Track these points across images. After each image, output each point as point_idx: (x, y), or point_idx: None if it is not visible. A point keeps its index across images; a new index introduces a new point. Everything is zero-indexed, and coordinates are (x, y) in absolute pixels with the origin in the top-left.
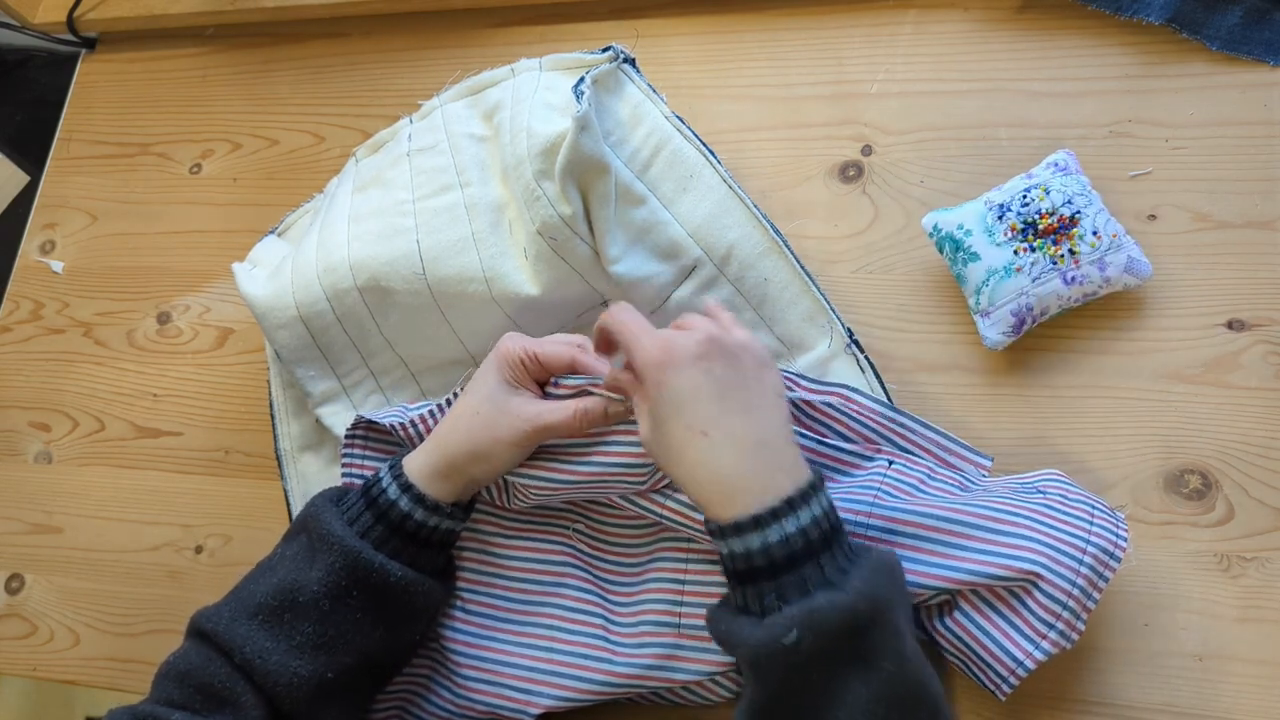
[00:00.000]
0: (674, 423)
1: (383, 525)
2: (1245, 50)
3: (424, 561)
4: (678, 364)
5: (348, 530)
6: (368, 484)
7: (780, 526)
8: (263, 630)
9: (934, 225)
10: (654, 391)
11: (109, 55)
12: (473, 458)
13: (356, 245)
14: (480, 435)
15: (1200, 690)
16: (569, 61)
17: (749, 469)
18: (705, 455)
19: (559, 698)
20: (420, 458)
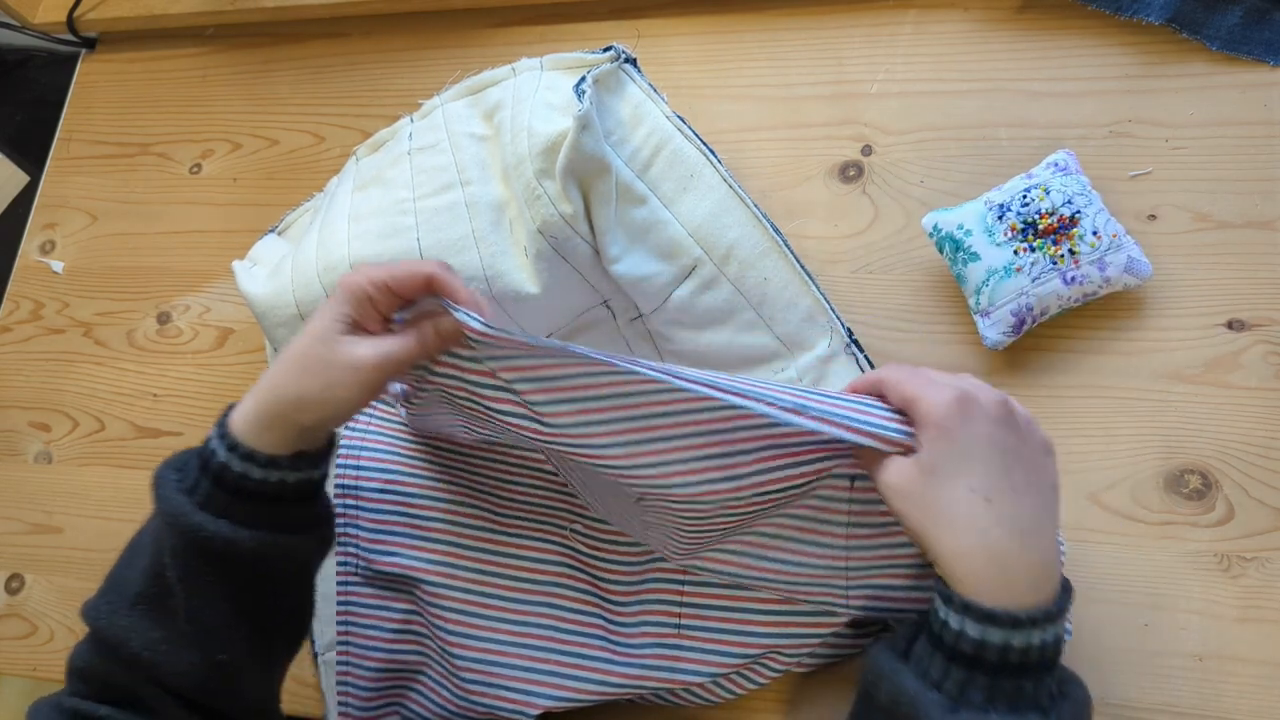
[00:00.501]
0: (955, 480)
1: (221, 490)
2: (1245, 50)
3: (287, 518)
4: (975, 418)
5: (182, 502)
6: (200, 448)
7: (1029, 634)
8: (146, 620)
9: (934, 225)
10: (939, 441)
11: (109, 55)
12: (299, 407)
13: (357, 244)
14: (307, 383)
15: (1200, 690)
16: (570, 61)
17: (1022, 557)
18: (983, 523)
19: (558, 698)
20: (242, 407)
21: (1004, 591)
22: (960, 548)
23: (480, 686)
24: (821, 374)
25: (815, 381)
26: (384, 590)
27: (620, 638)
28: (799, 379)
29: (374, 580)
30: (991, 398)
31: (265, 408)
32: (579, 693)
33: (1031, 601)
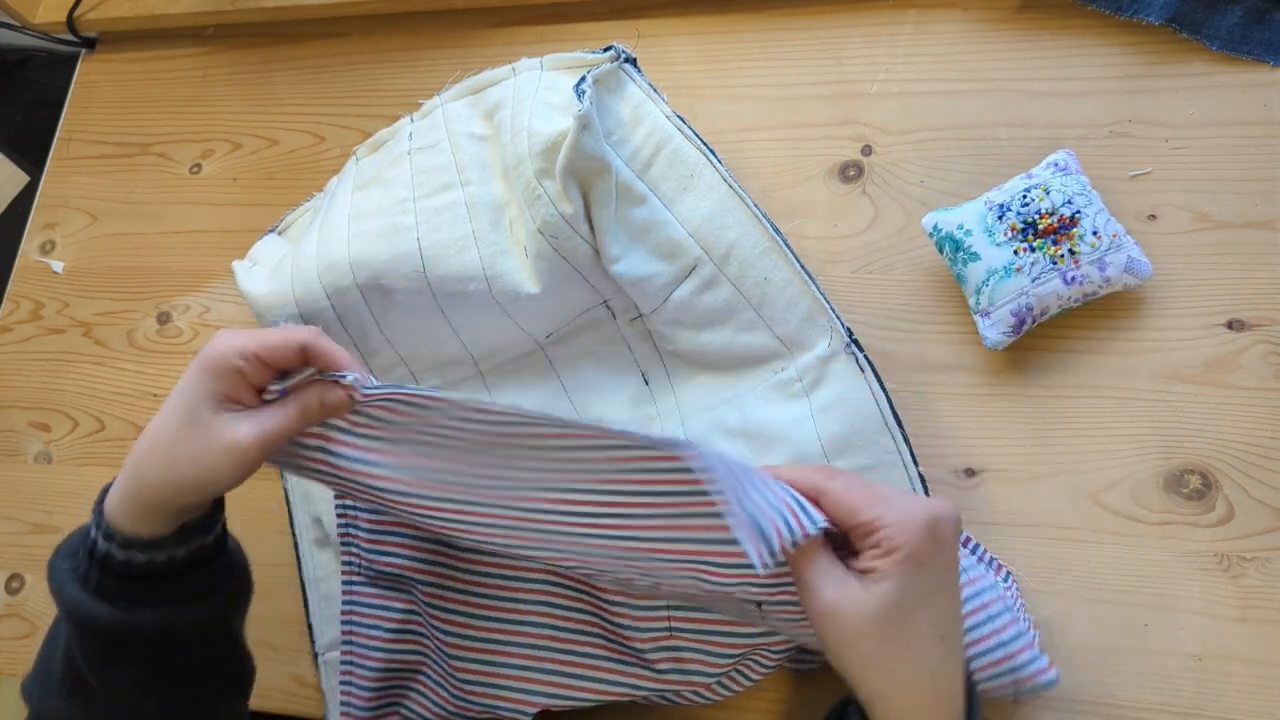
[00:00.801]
0: (918, 617)
1: (110, 576)
2: (1245, 50)
3: (186, 589)
4: (940, 541)
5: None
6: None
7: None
8: (73, 702)
9: (934, 225)
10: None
11: (109, 55)
12: (178, 491)
13: (357, 243)
14: (185, 468)
15: (1200, 690)
16: (570, 61)
17: (959, 682)
18: (936, 663)
19: (556, 696)
20: (115, 494)
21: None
22: (911, 691)
23: (478, 686)
24: (821, 374)
25: (815, 381)
26: (385, 590)
27: (619, 637)
28: (799, 379)
29: (376, 580)
30: (951, 513)
31: (137, 495)
32: (578, 690)
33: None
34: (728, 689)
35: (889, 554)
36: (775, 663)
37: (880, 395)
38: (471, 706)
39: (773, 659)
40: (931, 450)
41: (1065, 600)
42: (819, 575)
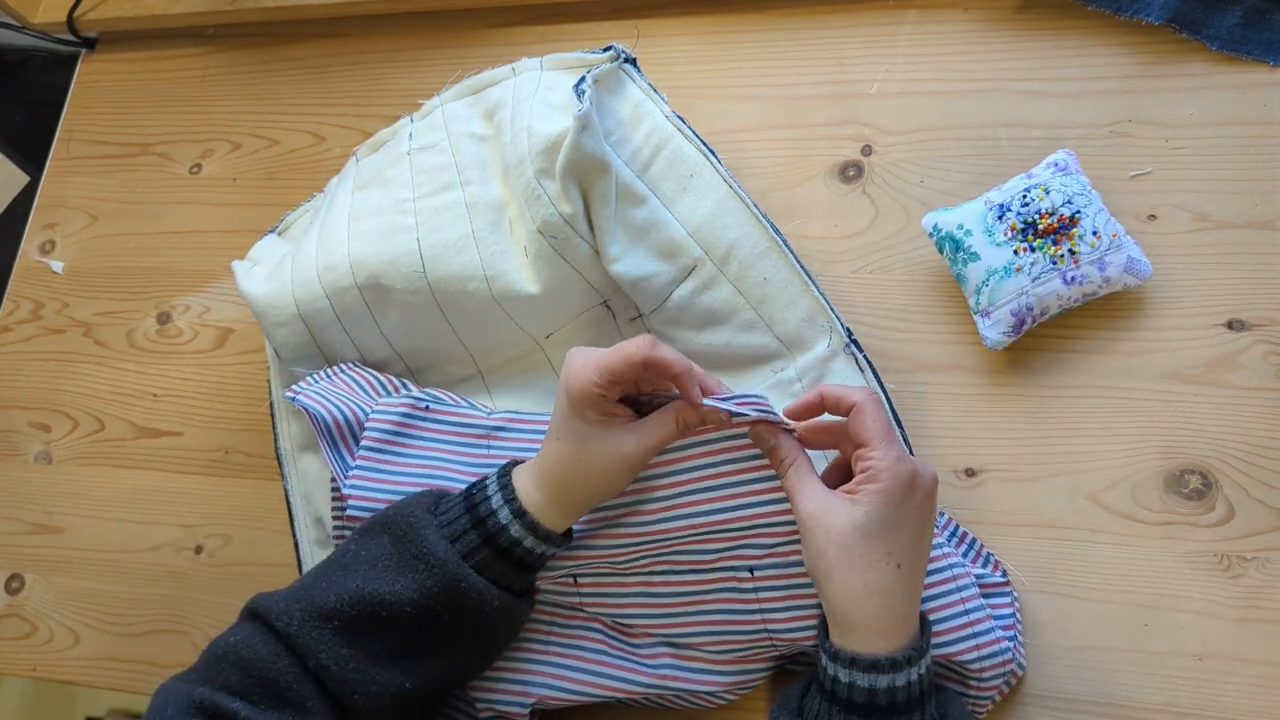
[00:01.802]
0: (878, 542)
1: (489, 548)
2: (1245, 50)
3: (520, 584)
4: (915, 495)
5: (450, 551)
6: (471, 498)
7: (908, 672)
8: (338, 637)
9: (934, 225)
10: (881, 503)
11: (109, 55)
12: (590, 496)
13: (357, 243)
14: (594, 482)
15: (1200, 690)
16: (570, 61)
17: (908, 612)
18: (888, 585)
19: (554, 687)
20: (533, 491)
21: (884, 641)
22: (861, 599)
23: (476, 682)
24: (821, 374)
25: (815, 381)
26: None
27: (619, 633)
28: (799, 379)
29: None
30: (931, 478)
31: (560, 495)
32: (576, 684)
33: (904, 643)
34: (721, 698)
35: (872, 483)
36: (775, 662)
37: (880, 395)
38: (472, 699)
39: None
40: (931, 450)
41: (1065, 600)
42: (807, 490)
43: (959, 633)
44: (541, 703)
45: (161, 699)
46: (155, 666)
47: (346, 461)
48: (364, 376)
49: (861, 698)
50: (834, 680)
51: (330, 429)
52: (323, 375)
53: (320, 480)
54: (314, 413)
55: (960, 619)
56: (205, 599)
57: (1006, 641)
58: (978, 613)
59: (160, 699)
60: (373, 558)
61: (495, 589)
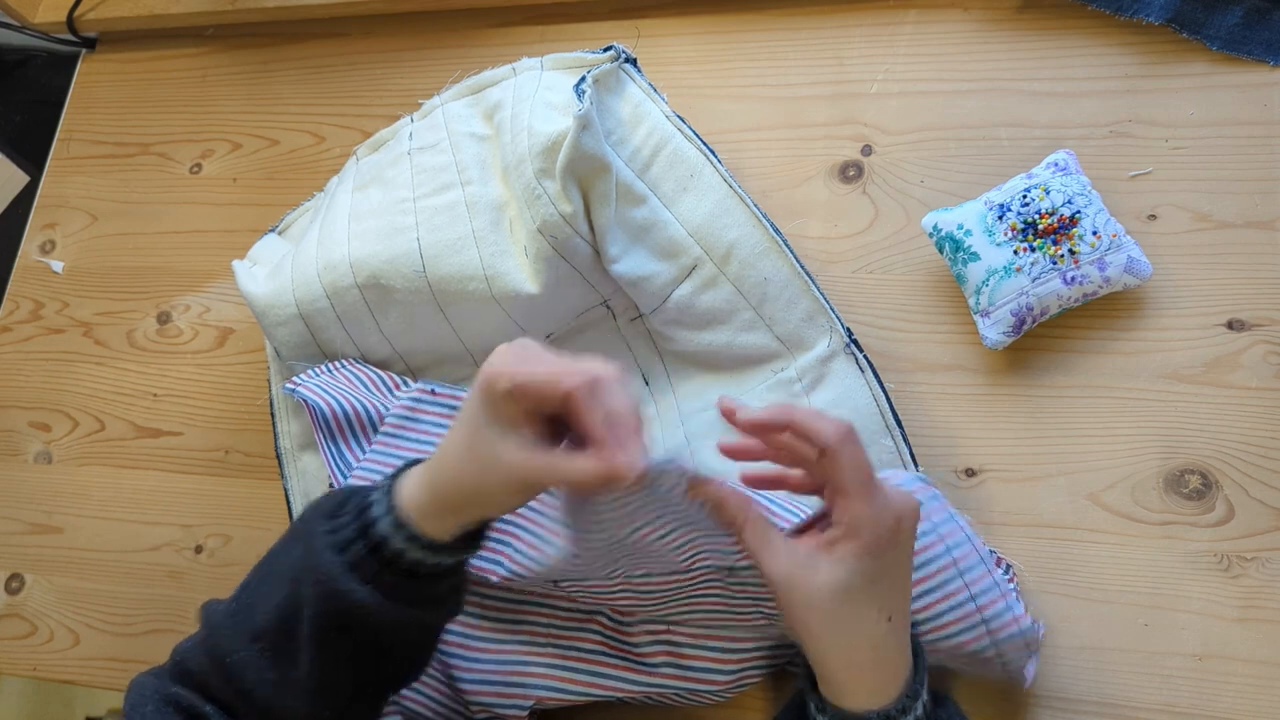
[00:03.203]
0: (866, 599)
1: (374, 559)
2: (1245, 50)
3: (431, 594)
4: (903, 543)
5: (334, 560)
6: (361, 504)
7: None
8: (263, 659)
9: (934, 225)
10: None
11: (109, 55)
12: (466, 501)
13: (357, 243)
14: (469, 482)
15: (1200, 690)
16: (570, 61)
17: (903, 653)
18: (878, 639)
19: (553, 689)
20: (415, 490)
21: (877, 697)
22: (849, 658)
23: (476, 686)
24: (821, 374)
25: (815, 381)
26: None
27: (616, 633)
28: (799, 379)
29: None
30: (912, 512)
31: (436, 497)
32: (575, 685)
33: (897, 692)
34: (720, 696)
35: (852, 540)
36: (776, 662)
37: (880, 395)
38: (469, 706)
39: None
40: (931, 450)
41: (1065, 600)
42: (772, 552)
43: (967, 621)
44: (540, 704)
45: (137, 694)
46: (155, 666)
47: (344, 455)
48: (364, 372)
49: None
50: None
51: (328, 422)
52: (323, 369)
53: (320, 480)
54: (313, 405)
55: (967, 606)
56: (205, 599)
57: (1026, 619)
58: (986, 596)
59: (135, 694)
60: (287, 569)
61: (387, 602)
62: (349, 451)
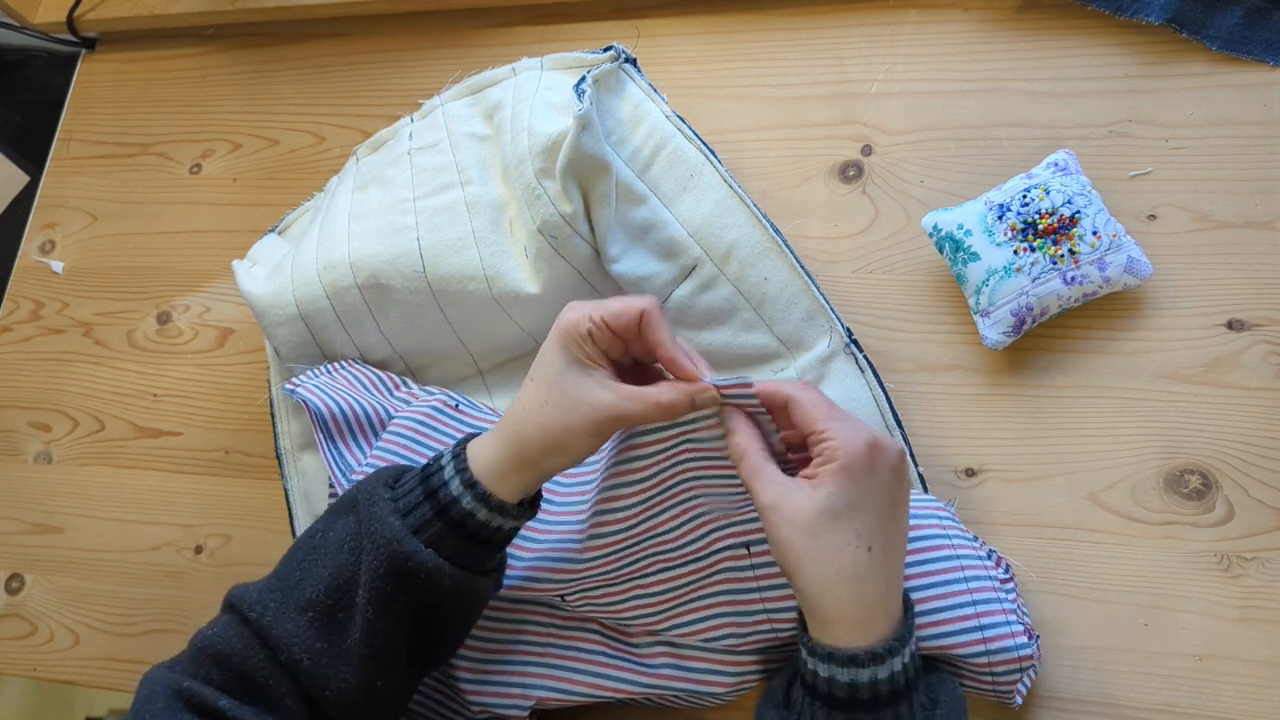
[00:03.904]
0: (846, 524)
1: (440, 522)
2: (1245, 50)
3: (480, 560)
4: (880, 467)
5: (399, 526)
6: (427, 470)
7: (892, 663)
8: (313, 629)
9: (934, 225)
10: (842, 482)
11: (109, 55)
12: (546, 450)
13: (357, 243)
14: (553, 426)
15: (1200, 690)
16: (570, 61)
17: (886, 600)
18: (860, 570)
19: (554, 689)
20: (489, 450)
21: (862, 632)
22: (832, 589)
23: (476, 686)
24: (821, 374)
25: (815, 381)
26: None
27: (617, 634)
28: (798, 379)
29: None
30: (895, 449)
31: (516, 453)
32: (576, 685)
33: (884, 633)
34: (721, 698)
35: (829, 463)
36: (776, 666)
37: (880, 395)
38: (469, 706)
39: (773, 662)
40: (931, 450)
41: (1065, 600)
42: (762, 480)
43: (963, 623)
44: (540, 704)
45: (148, 689)
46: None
47: (344, 457)
48: (364, 373)
49: (842, 693)
50: (814, 675)
51: (327, 423)
52: (323, 370)
53: (320, 480)
54: (312, 406)
55: (966, 609)
56: (205, 599)
57: (1022, 636)
58: (988, 605)
59: (146, 689)
60: (340, 540)
61: (447, 565)
62: (349, 453)
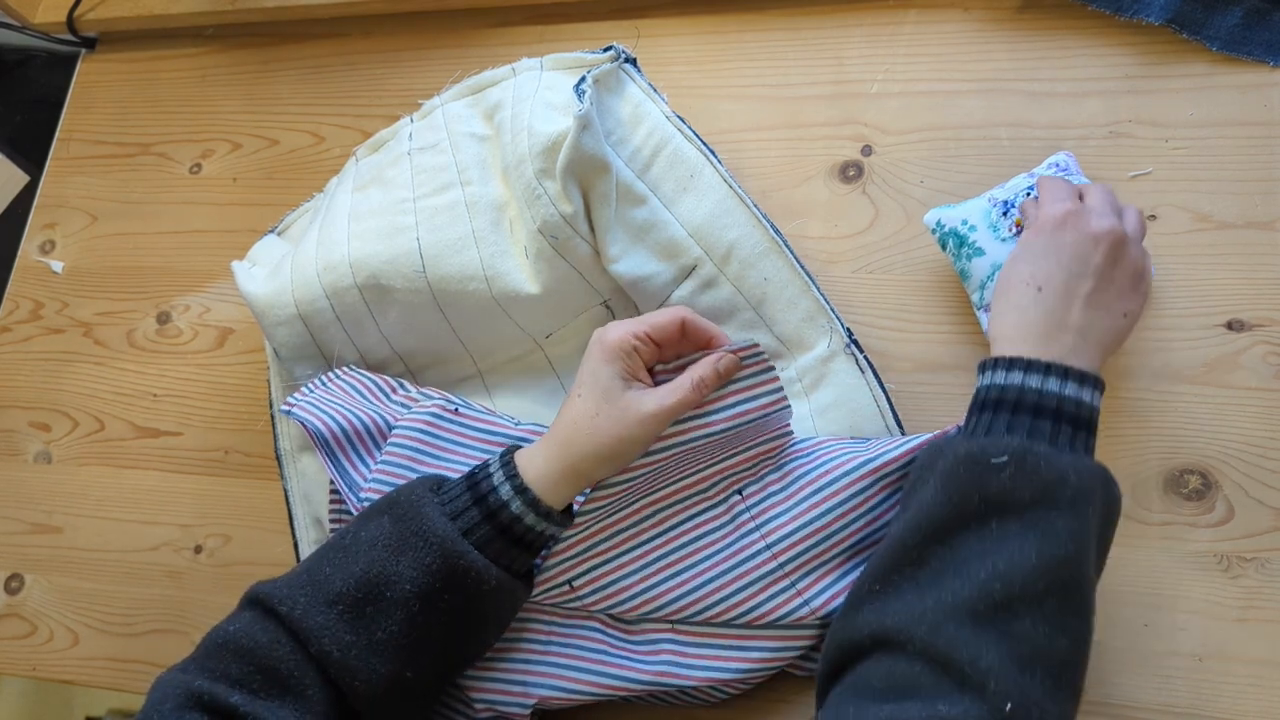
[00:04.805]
0: (1022, 266)
1: (489, 525)
2: (1245, 50)
3: (520, 564)
4: (1068, 229)
5: (450, 527)
6: (474, 478)
7: (1044, 380)
8: (342, 622)
9: (937, 221)
10: (1030, 236)
11: (109, 55)
12: (599, 461)
13: (357, 243)
14: (606, 438)
15: (1200, 690)
16: (570, 61)
17: (1050, 335)
18: (1025, 303)
19: (555, 687)
20: (540, 462)
21: (1012, 346)
22: (1002, 318)
23: (476, 683)
24: (821, 374)
25: (815, 381)
26: None
27: (618, 632)
28: (799, 379)
29: None
30: (1102, 224)
31: (569, 465)
32: (578, 683)
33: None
34: (723, 692)
35: (1029, 227)
36: (778, 664)
37: (880, 395)
38: (470, 703)
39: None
40: None
41: None
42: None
43: None
44: (542, 703)
45: (159, 693)
46: (155, 666)
47: (349, 473)
48: (360, 380)
49: (994, 395)
50: (976, 392)
51: (328, 441)
52: (317, 384)
53: (320, 481)
54: (310, 427)
55: None
56: (205, 599)
57: None
58: None
59: (158, 693)
60: (373, 539)
61: (494, 567)
62: (353, 469)
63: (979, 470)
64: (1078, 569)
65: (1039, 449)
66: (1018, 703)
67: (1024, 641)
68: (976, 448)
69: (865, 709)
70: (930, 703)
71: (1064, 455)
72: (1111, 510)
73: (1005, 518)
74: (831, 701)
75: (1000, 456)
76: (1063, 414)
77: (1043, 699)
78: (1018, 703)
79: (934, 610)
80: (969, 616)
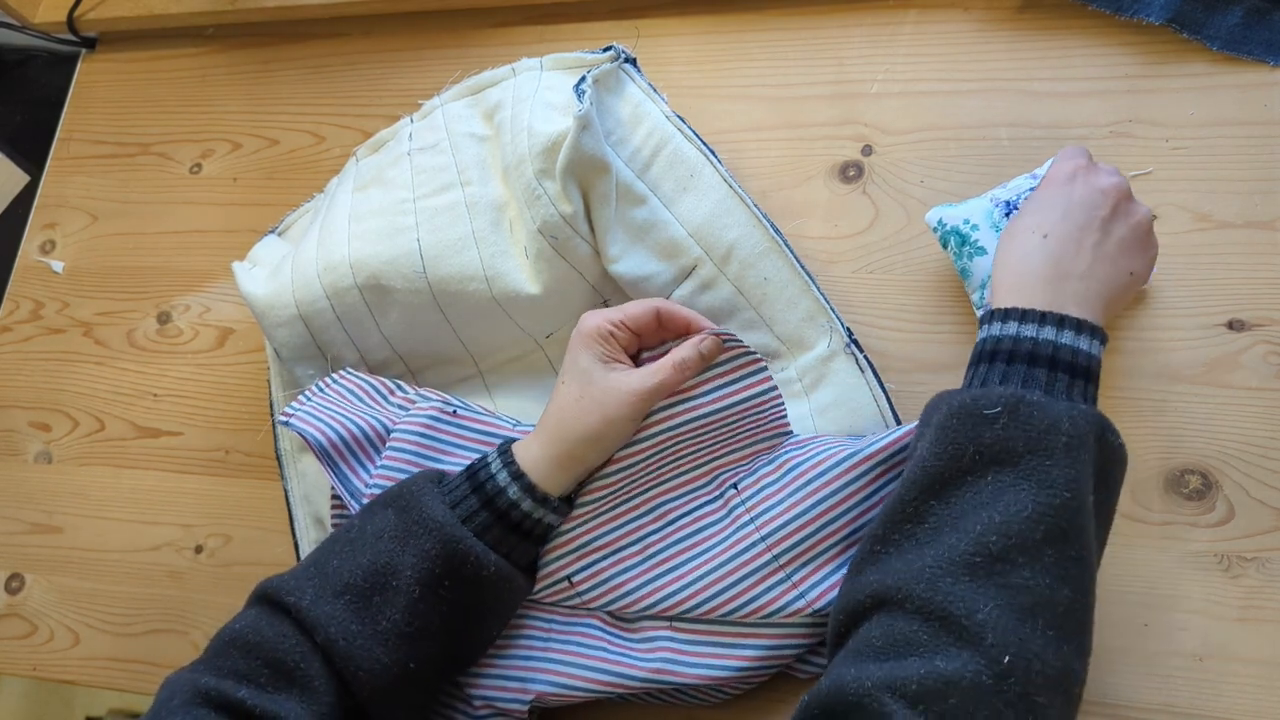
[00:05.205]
0: (1027, 216)
1: (487, 512)
2: (1245, 50)
3: (519, 555)
4: (1076, 184)
5: (449, 514)
6: (472, 468)
7: (1040, 328)
8: (349, 611)
9: (938, 220)
10: (1039, 190)
11: (109, 55)
12: (589, 444)
13: (357, 244)
14: (592, 419)
15: (1200, 690)
16: (570, 61)
17: (1052, 280)
18: (1030, 249)
19: (554, 683)
20: (535, 449)
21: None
22: (1006, 264)
23: (476, 679)
24: (822, 374)
25: (815, 381)
26: None
27: (617, 629)
28: (799, 379)
29: None
30: (1109, 181)
31: (562, 449)
32: (576, 679)
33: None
34: (723, 693)
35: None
36: (776, 664)
37: (880, 395)
38: (470, 700)
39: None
40: None
41: None
42: None
43: None
44: (541, 699)
45: (167, 691)
46: (155, 666)
47: (350, 480)
48: (357, 384)
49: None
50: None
51: (327, 450)
52: (314, 390)
53: (320, 481)
54: (310, 438)
55: None
56: (205, 599)
57: None
58: None
59: (166, 691)
60: (379, 531)
61: (492, 553)
62: (353, 476)
63: (973, 422)
64: (1076, 516)
65: (1033, 397)
66: (1016, 654)
67: (1024, 592)
68: (970, 399)
69: (865, 668)
70: (928, 659)
71: (1059, 403)
72: (1109, 455)
73: (1000, 469)
74: (835, 665)
75: (994, 407)
76: (1058, 362)
77: (1043, 650)
78: (1016, 654)
79: (931, 566)
80: (966, 570)
